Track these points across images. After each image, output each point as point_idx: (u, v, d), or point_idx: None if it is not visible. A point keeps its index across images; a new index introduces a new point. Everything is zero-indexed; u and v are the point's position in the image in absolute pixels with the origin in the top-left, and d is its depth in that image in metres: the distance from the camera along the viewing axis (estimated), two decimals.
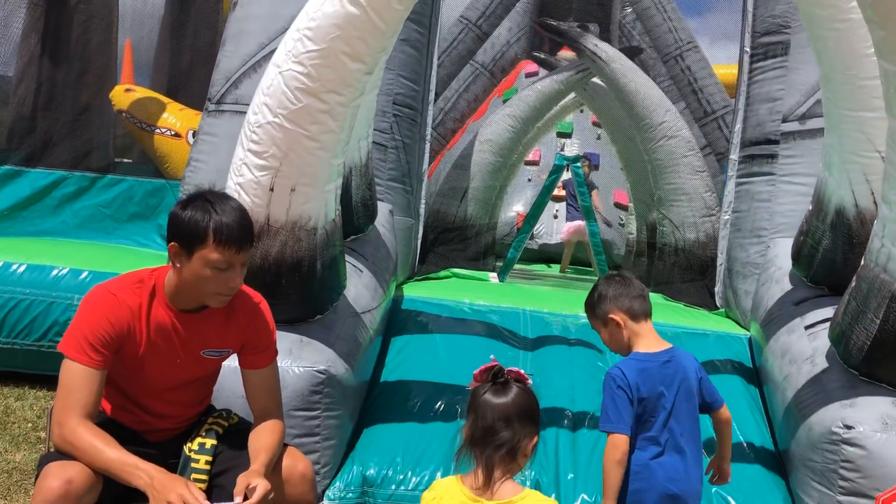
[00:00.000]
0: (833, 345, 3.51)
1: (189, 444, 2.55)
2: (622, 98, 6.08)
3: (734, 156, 5.37)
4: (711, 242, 5.79)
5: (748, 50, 5.31)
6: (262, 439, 2.45)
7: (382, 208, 4.92)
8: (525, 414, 2.18)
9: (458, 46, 11.08)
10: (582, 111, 8.08)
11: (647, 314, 2.71)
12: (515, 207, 9.31)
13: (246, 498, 2.26)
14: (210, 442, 2.56)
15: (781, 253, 4.55)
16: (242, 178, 3.19)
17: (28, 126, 6.25)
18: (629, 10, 10.98)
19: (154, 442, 2.58)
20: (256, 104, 3.11)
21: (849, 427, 3.17)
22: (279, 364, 3.24)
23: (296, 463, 2.56)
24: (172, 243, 2.40)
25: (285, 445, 2.62)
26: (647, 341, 2.66)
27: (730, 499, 3.35)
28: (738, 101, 5.38)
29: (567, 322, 4.81)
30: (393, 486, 3.37)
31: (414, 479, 3.39)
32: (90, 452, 2.27)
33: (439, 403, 3.78)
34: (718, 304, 5.39)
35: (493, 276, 5.53)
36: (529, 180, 9.97)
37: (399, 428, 3.62)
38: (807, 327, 3.90)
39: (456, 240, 6.34)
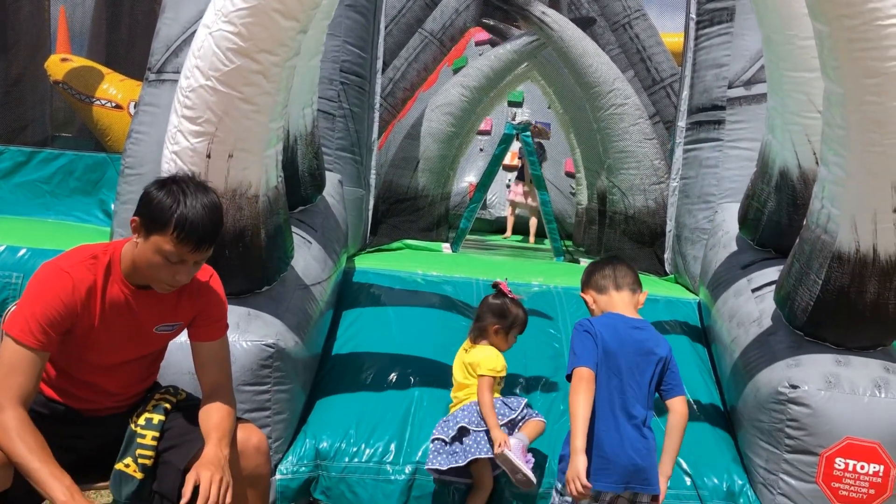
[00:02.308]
0: (778, 307, 3.56)
1: (135, 420, 2.48)
2: (572, 66, 6.05)
3: (682, 123, 5.40)
4: (661, 209, 5.83)
5: (694, 17, 5.32)
6: (213, 417, 2.39)
7: (331, 178, 4.83)
8: (495, 310, 3.46)
9: (406, 14, 10.91)
10: (532, 80, 8.04)
11: (617, 287, 2.84)
12: (468, 178, 9.28)
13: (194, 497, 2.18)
14: (157, 417, 2.50)
15: (729, 217, 4.60)
16: (178, 146, 3.09)
17: None
18: None
19: (96, 419, 2.50)
20: (188, 67, 3.01)
21: (794, 386, 3.23)
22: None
23: (249, 436, 2.51)
24: (135, 217, 2.32)
25: (239, 419, 2.57)
26: (620, 309, 2.80)
27: (681, 460, 3.38)
28: (684, 68, 5.41)
29: (519, 291, 4.79)
30: (346, 459, 3.35)
31: (368, 451, 3.37)
32: (9, 447, 2.17)
33: (392, 375, 3.75)
34: (668, 271, 5.45)
35: (445, 247, 5.50)
36: (482, 150, 9.94)
37: (352, 400, 3.59)
38: (754, 290, 3.95)
39: (408, 211, 6.28)
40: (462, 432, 3.22)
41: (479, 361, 3.35)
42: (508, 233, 9.05)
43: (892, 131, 2.91)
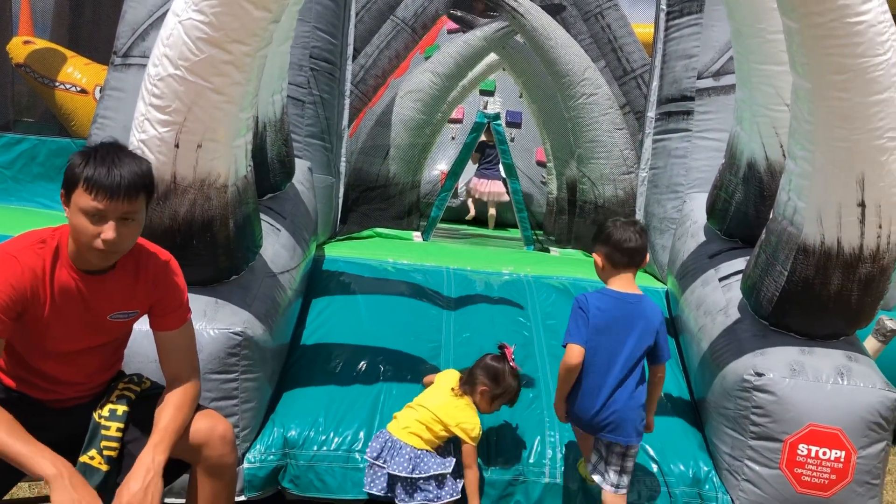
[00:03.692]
0: (745, 296, 3.60)
1: (99, 411, 2.45)
2: (543, 55, 6.05)
3: (651, 113, 5.43)
4: (630, 199, 5.86)
5: (664, 7, 5.34)
6: (163, 416, 2.37)
7: (301, 165, 4.80)
8: (490, 373, 3.26)
9: (377, 1, 10.80)
10: (505, 70, 8.02)
11: (628, 266, 3.09)
12: (439, 166, 9.25)
13: None
14: (121, 408, 2.47)
15: (697, 207, 4.64)
16: (146, 135, 3.05)
17: None
18: None
19: (60, 410, 2.47)
20: (157, 56, 2.96)
21: (759, 374, 3.27)
22: (195, 327, 3.17)
23: (215, 425, 2.49)
24: (62, 191, 2.29)
25: (204, 407, 2.55)
26: (620, 284, 3.09)
27: (647, 447, 3.42)
28: (654, 59, 5.43)
29: (490, 279, 4.83)
30: (315, 447, 3.33)
31: (336, 440, 3.36)
32: None
33: (362, 363, 3.74)
34: None
35: (416, 236, 5.49)
36: (453, 139, 9.91)
37: (320, 389, 3.57)
38: (721, 279, 3.99)
39: (378, 198, 6.25)
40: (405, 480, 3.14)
41: (461, 423, 3.17)
42: (472, 214, 9.09)
43: (859, 127, 2.94)
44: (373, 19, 11.01)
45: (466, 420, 3.20)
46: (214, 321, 3.22)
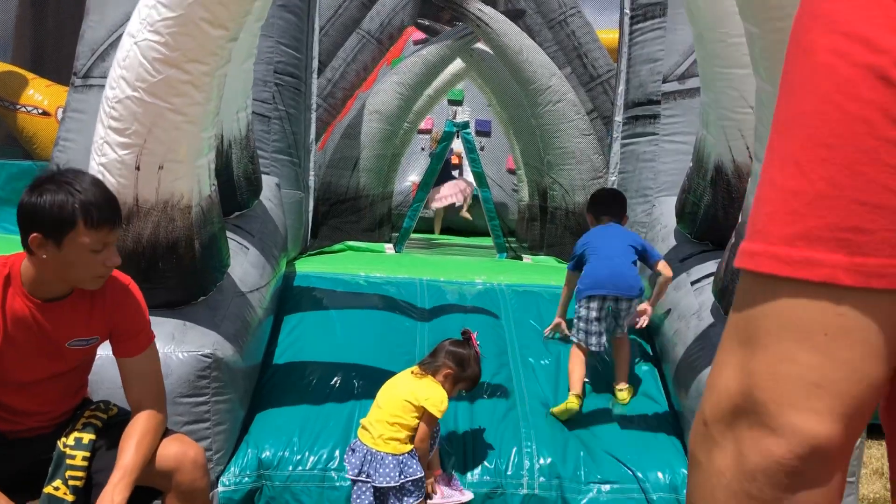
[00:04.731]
0: (716, 299, 3.61)
1: (64, 440, 2.39)
2: (508, 62, 6.05)
3: (618, 118, 5.45)
4: None
5: (628, 12, 5.37)
6: (125, 450, 2.31)
7: (268, 182, 4.76)
8: (456, 357, 3.25)
9: (342, 14, 10.78)
10: (472, 77, 8.01)
11: (607, 214, 4.12)
12: (410, 177, 9.21)
13: None
14: (87, 436, 2.41)
15: (666, 211, 4.66)
16: (105, 158, 3.00)
17: None
18: None
19: (24, 440, 2.40)
20: (113, 78, 2.91)
21: None
22: (163, 351, 3.12)
23: (186, 450, 2.44)
24: (34, 234, 2.19)
25: (173, 432, 2.50)
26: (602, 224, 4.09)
27: (623, 457, 3.41)
28: (620, 63, 5.46)
29: (463, 290, 4.81)
30: (290, 468, 3.28)
31: (312, 459, 3.31)
32: None
33: (335, 380, 3.70)
34: None
35: (388, 248, 5.44)
36: (423, 149, 9.90)
37: (294, 408, 3.52)
38: (692, 283, 4.00)
39: (348, 211, 6.20)
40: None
41: (429, 397, 3.13)
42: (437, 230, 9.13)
43: None
44: (338, 33, 10.99)
45: (433, 393, 3.14)
46: (183, 344, 3.16)
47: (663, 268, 3.89)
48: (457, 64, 7.16)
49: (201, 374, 3.15)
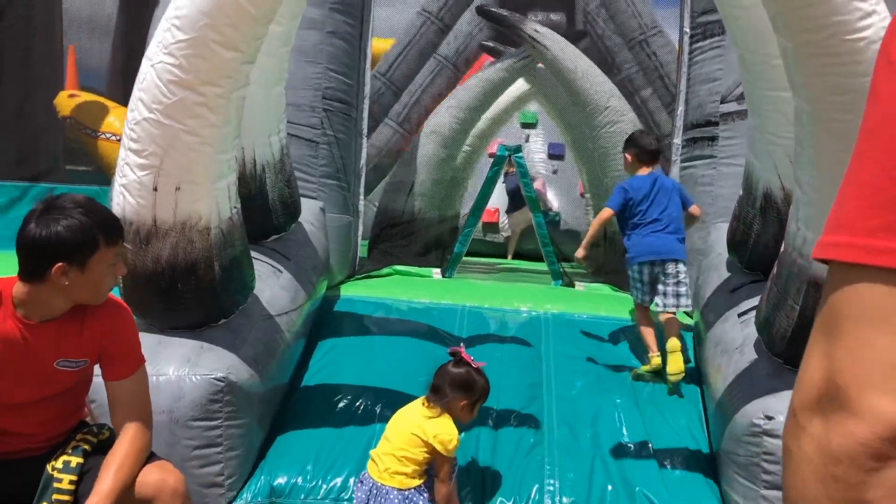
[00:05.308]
0: (759, 332, 3.38)
1: (53, 463, 2.40)
2: (566, 84, 5.90)
3: (677, 140, 5.23)
4: None
5: (688, 30, 5.17)
6: (104, 470, 2.29)
7: (312, 206, 4.77)
8: (460, 383, 3.07)
9: (420, 40, 10.90)
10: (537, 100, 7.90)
11: (651, 161, 4.31)
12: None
13: None
14: (76, 460, 2.41)
15: (721, 238, 4.42)
16: (126, 179, 3.05)
17: None
18: None
19: (16, 462, 2.43)
20: (133, 100, 2.97)
21: (769, 417, 3.03)
22: (176, 373, 3.14)
23: (166, 478, 2.41)
24: (59, 265, 2.22)
25: (156, 458, 2.48)
26: (642, 172, 4.29)
27: (653, 499, 3.20)
28: (679, 84, 5.25)
29: (506, 317, 4.68)
30: (302, 496, 3.23)
31: (324, 487, 3.25)
32: None
33: (358, 406, 3.64)
34: None
35: (436, 273, 5.36)
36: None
37: (313, 434, 3.48)
38: (739, 315, 3.76)
39: (399, 235, 6.17)
40: None
41: (438, 434, 2.98)
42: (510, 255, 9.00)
43: None
44: (415, 58, 11.10)
45: (443, 431, 2.99)
46: (197, 367, 3.17)
47: (694, 210, 4.38)
48: (522, 86, 7.07)
49: (214, 398, 3.14)
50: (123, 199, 3.09)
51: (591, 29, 11.01)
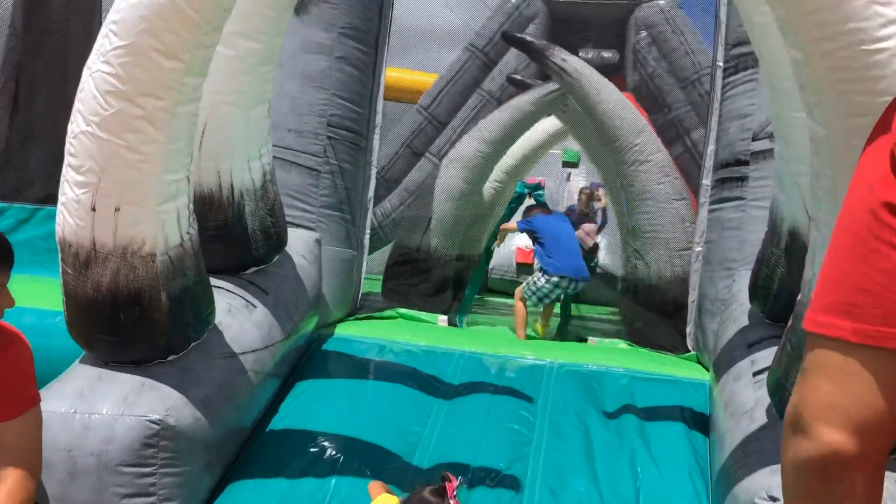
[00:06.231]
0: (770, 395, 2.93)
1: None
2: (592, 117, 5.54)
3: (706, 181, 4.82)
4: (685, 278, 5.19)
5: (721, 63, 4.78)
6: None
7: (306, 237, 4.51)
8: None
9: (464, 75, 10.73)
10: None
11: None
12: (515, 241, 8.78)
13: None
14: None
15: (745, 287, 3.97)
16: (65, 197, 2.84)
17: None
18: (644, 33, 10.45)
19: None
20: (73, 112, 2.76)
21: (773, 499, 2.58)
22: (110, 412, 2.88)
23: None
24: None
25: None
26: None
27: None
28: (710, 121, 4.84)
29: (507, 365, 4.31)
30: None
31: None
32: None
33: (316, 458, 3.30)
34: (690, 347, 4.80)
35: (441, 320, 5.00)
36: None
37: (263, 485, 3.15)
38: (755, 374, 3.32)
39: (409, 274, 5.84)
40: None
41: None
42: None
43: None
44: (459, 92, 10.93)
45: None
46: (133, 407, 2.89)
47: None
48: (555, 122, 6.73)
49: (147, 443, 2.85)
50: (63, 218, 2.87)
51: (641, 67, 10.66)
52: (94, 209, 2.80)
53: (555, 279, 5.82)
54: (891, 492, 2.49)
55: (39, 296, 5.10)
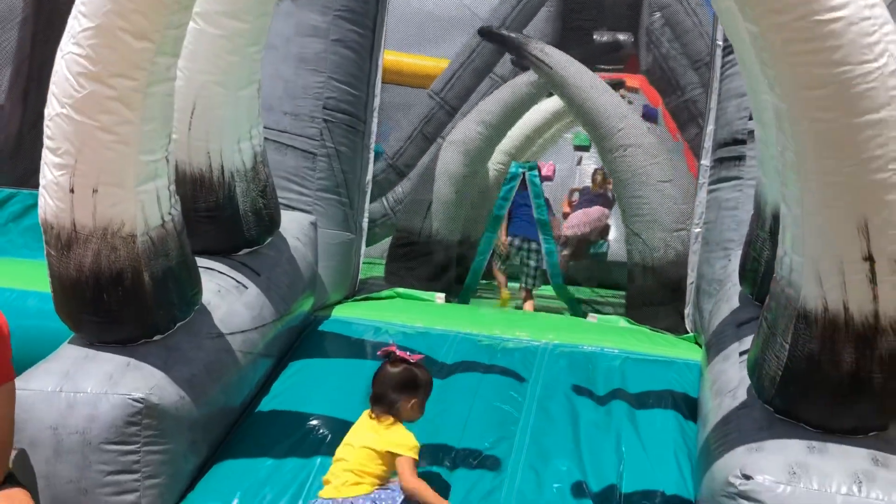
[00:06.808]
0: (749, 375, 2.91)
1: None
2: (574, 106, 5.49)
3: (706, 161, 4.77)
4: (683, 259, 5.15)
5: (720, 42, 4.72)
6: None
7: (301, 220, 4.53)
8: (405, 383, 2.96)
9: (476, 59, 10.66)
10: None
11: None
12: None
13: None
14: None
15: (738, 267, 3.94)
16: (45, 180, 2.89)
17: None
18: (657, 14, 10.34)
19: None
20: (49, 95, 2.79)
21: (747, 477, 2.57)
22: (95, 391, 2.93)
23: None
24: None
25: (15, 484, 2.24)
26: None
27: None
28: (709, 100, 4.79)
29: (501, 346, 4.30)
30: None
31: None
32: None
33: (302, 438, 3.33)
34: (689, 328, 4.77)
35: (439, 297, 5.03)
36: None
37: (249, 464, 3.19)
38: (741, 353, 3.29)
39: (408, 257, 5.85)
40: None
41: (392, 440, 2.90)
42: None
43: (850, 156, 2.28)
44: (471, 77, 10.85)
45: (398, 437, 2.91)
46: (117, 385, 2.94)
47: None
48: (557, 102, 6.68)
49: (130, 420, 2.90)
50: (44, 200, 2.92)
51: (655, 49, 10.55)
52: (72, 191, 2.84)
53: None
54: (863, 469, 2.47)
55: (44, 280, 5.19)
